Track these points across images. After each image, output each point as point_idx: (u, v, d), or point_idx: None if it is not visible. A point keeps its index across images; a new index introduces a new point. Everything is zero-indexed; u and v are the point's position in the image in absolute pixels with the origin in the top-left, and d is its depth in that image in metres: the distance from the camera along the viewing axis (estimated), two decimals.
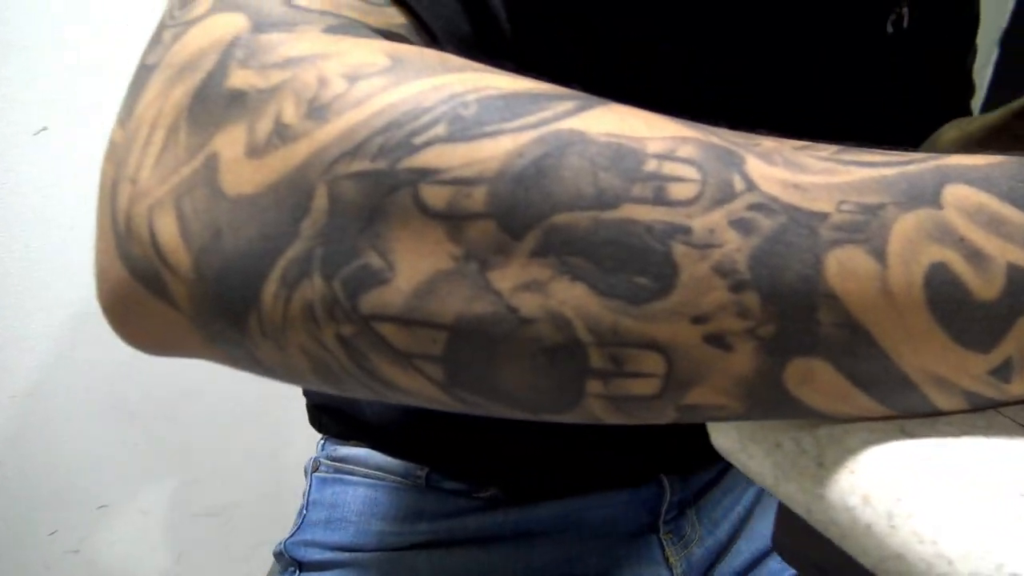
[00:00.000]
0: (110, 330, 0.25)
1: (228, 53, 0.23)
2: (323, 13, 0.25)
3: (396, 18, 0.27)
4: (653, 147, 0.22)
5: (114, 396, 0.93)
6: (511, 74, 0.23)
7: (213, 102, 0.23)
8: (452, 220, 0.21)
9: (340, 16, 0.25)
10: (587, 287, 0.21)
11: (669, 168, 0.21)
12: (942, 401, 0.23)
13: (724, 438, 0.26)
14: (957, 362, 0.22)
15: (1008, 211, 0.22)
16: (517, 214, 0.21)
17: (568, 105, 0.22)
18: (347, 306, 0.21)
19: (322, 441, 0.62)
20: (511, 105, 0.22)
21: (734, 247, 0.21)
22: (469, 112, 0.21)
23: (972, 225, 0.22)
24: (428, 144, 0.21)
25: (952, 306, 0.21)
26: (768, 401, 0.22)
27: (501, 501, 0.56)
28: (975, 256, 0.21)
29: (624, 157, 0.21)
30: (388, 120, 0.21)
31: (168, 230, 0.22)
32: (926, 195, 0.22)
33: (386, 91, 0.22)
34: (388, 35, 0.26)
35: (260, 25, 0.24)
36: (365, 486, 0.57)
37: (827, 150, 0.23)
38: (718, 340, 0.21)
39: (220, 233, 0.22)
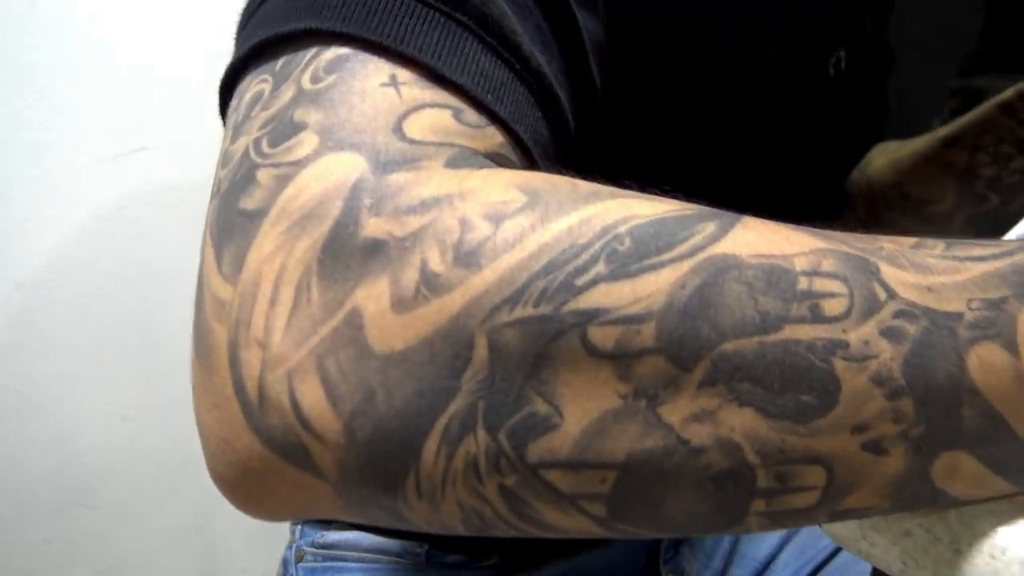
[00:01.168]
0: None
1: (354, 199, 0.22)
2: (440, 145, 0.24)
3: (496, 138, 0.26)
4: (800, 264, 0.22)
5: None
6: (642, 195, 0.23)
7: (348, 254, 0.22)
8: (622, 359, 0.21)
9: (454, 145, 0.24)
10: (755, 411, 0.21)
11: (819, 284, 0.22)
12: None
13: (841, 527, 0.27)
14: None
15: None
16: (686, 346, 0.21)
17: (711, 227, 0.23)
18: (514, 456, 0.21)
19: (298, 528, 0.59)
20: (660, 233, 0.22)
21: (888, 356, 0.22)
22: (625, 246, 0.21)
23: None
24: (592, 284, 0.21)
25: None
26: (915, 496, 0.23)
27: (503, 568, 0.55)
28: None
29: (778, 278, 0.22)
30: (547, 262, 0.21)
31: (312, 396, 0.21)
32: None
33: (535, 231, 0.21)
34: (494, 157, 0.26)
35: (382, 165, 0.23)
36: (361, 571, 0.55)
37: (938, 247, 0.24)
38: (875, 446, 0.22)
39: (373, 394, 0.21)
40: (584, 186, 0.23)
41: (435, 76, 0.25)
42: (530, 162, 0.28)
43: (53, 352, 0.84)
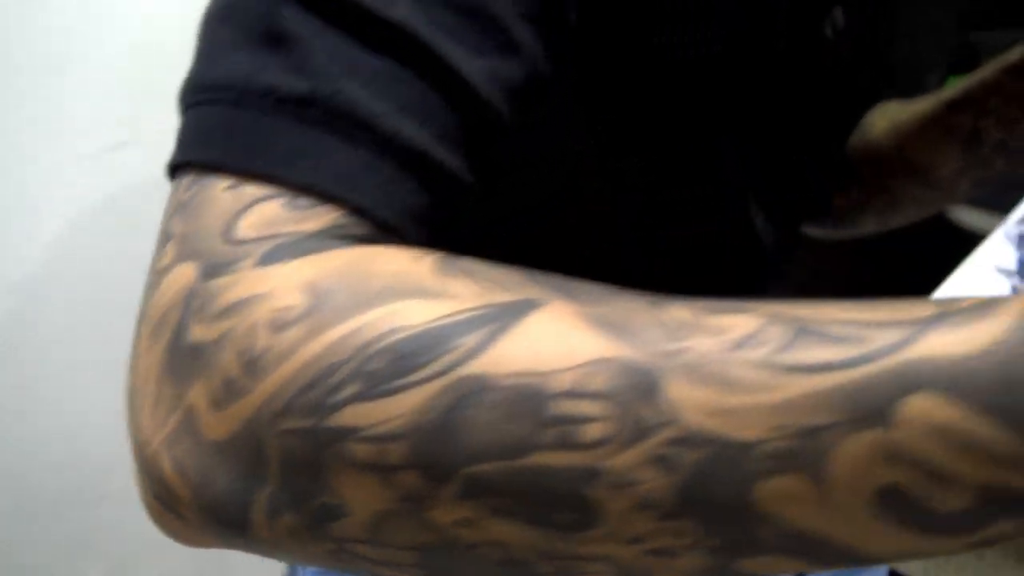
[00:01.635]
0: None
1: (187, 306, 0.25)
2: (259, 240, 0.26)
3: (330, 215, 0.27)
4: (560, 383, 0.21)
5: None
6: (430, 292, 0.24)
7: (183, 357, 0.25)
8: (382, 471, 0.22)
9: (277, 236, 0.26)
10: (518, 522, 0.22)
11: (577, 408, 0.21)
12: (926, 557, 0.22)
13: None
14: (923, 548, 0.20)
15: (984, 427, 0.19)
16: (437, 465, 0.22)
17: (473, 340, 0.22)
18: (322, 534, 0.24)
19: None
20: (417, 350, 0.22)
21: (655, 484, 0.20)
22: (380, 366, 0.22)
23: (935, 448, 0.19)
24: (346, 403, 0.22)
25: (911, 519, 0.20)
26: None
27: None
28: (937, 479, 0.19)
29: (528, 401, 0.21)
30: (309, 379, 0.23)
31: (169, 472, 0.25)
32: (877, 414, 0.19)
33: (306, 343, 0.23)
34: (335, 231, 0.27)
35: (207, 271, 0.26)
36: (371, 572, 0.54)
37: (771, 342, 0.21)
38: (662, 552, 0.21)
39: (207, 474, 0.25)
40: (377, 282, 0.24)
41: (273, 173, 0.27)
42: (394, 229, 0.28)
43: (53, 348, 0.83)
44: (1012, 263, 0.41)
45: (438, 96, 0.29)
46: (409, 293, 0.24)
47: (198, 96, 0.29)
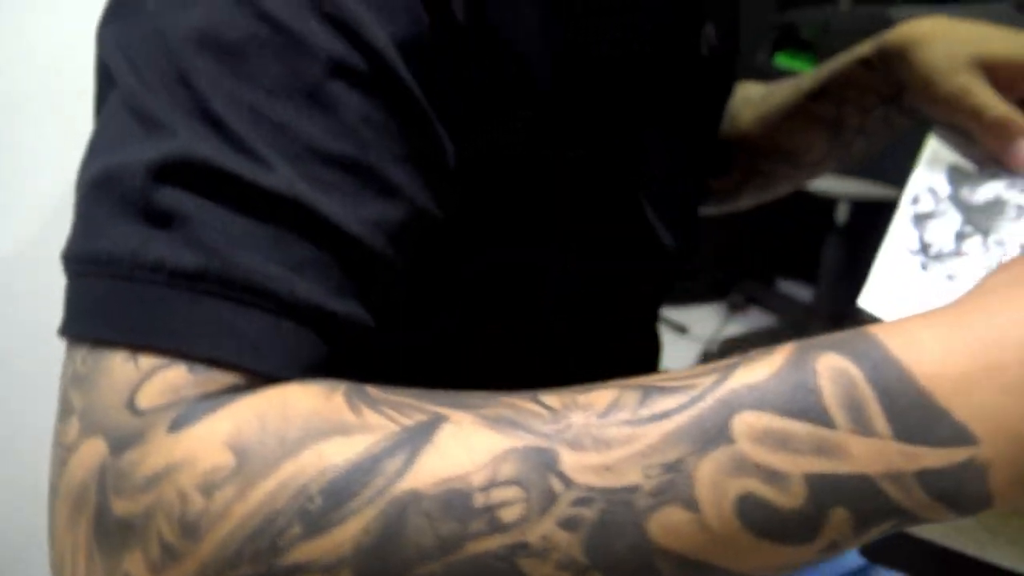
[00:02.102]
0: None
1: (102, 484, 0.26)
2: (167, 408, 0.26)
3: (227, 378, 0.28)
4: (478, 479, 0.25)
5: None
6: (348, 428, 0.26)
7: (111, 532, 0.26)
8: None
9: (179, 403, 0.27)
10: None
11: (496, 495, 0.25)
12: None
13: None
14: (789, 558, 0.26)
15: (790, 425, 0.25)
16: None
17: (399, 461, 0.25)
18: None
19: None
20: (349, 483, 0.25)
21: (568, 543, 0.25)
22: (316, 506, 0.25)
23: (763, 449, 0.25)
24: (291, 544, 0.25)
25: (768, 524, 0.25)
26: None
27: None
28: (773, 477, 0.25)
29: (455, 501, 0.25)
30: (252, 530, 0.25)
31: None
32: (717, 434, 0.25)
33: (241, 499, 0.25)
34: (235, 390, 0.28)
35: (116, 446, 0.26)
36: None
37: (628, 405, 0.26)
38: None
39: None
40: (295, 426, 0.26)
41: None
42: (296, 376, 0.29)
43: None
44: (916, 243, 0.46)
45: (326, 253, 0.30)
46: (329, 432, 0.26)
47: (85, 267, 0.29)
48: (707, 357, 1.86)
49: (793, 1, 1.76)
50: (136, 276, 0.28)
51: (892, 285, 0.42)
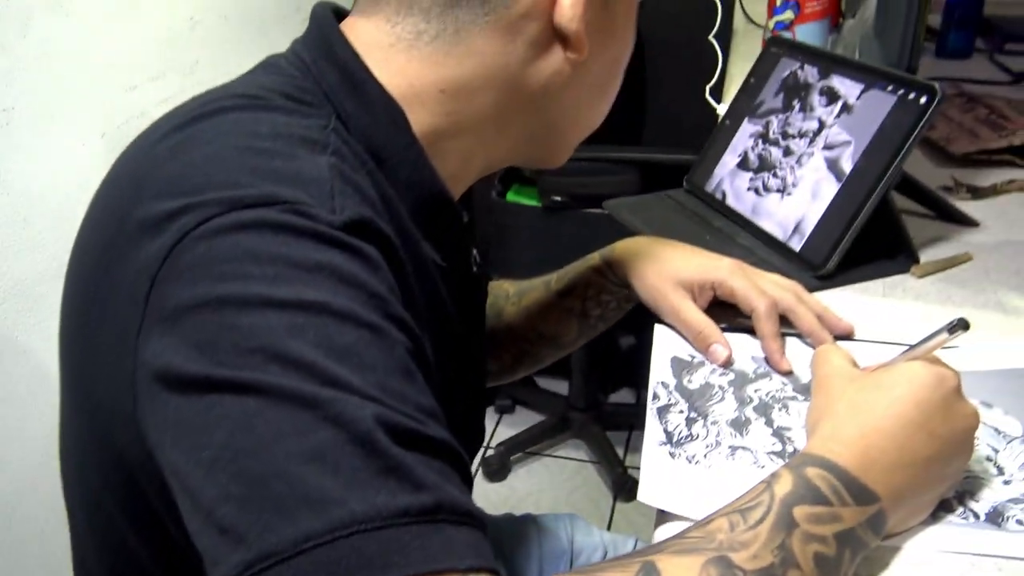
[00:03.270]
0: None
1: None
2: None
3: None
4: None
5: None
6: None
7: None
8: None
9: None
10: None
11: None
12: None
13: None
14: None
15: (816, 509, 0.47)
16: None
17: None
18: None
19: None
20: None
21: None
22: None
23: (811, 525, 0.46)
24: None
25: (826, 566, 0.46)
26: None
27: None
28: (821, 539, 0.46)
29: None
30: None
31: None
32: (790, 522, 0.46)
33: None
34: None
35: None
36: None
37: (741, 522, 0.46)
38: None
39: None
40: None
41: None
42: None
43: None
44: (662, 434, 0.64)
45: (462, 474, 0.43)
46: None
47: (346, 530, 0.35)
48: (488, 460, 2.03)
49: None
50: (391, 524, 0.36)
51: (654, 476, 0.59)
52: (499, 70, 0.54)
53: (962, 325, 0.52)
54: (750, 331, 0.72)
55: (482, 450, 2.06)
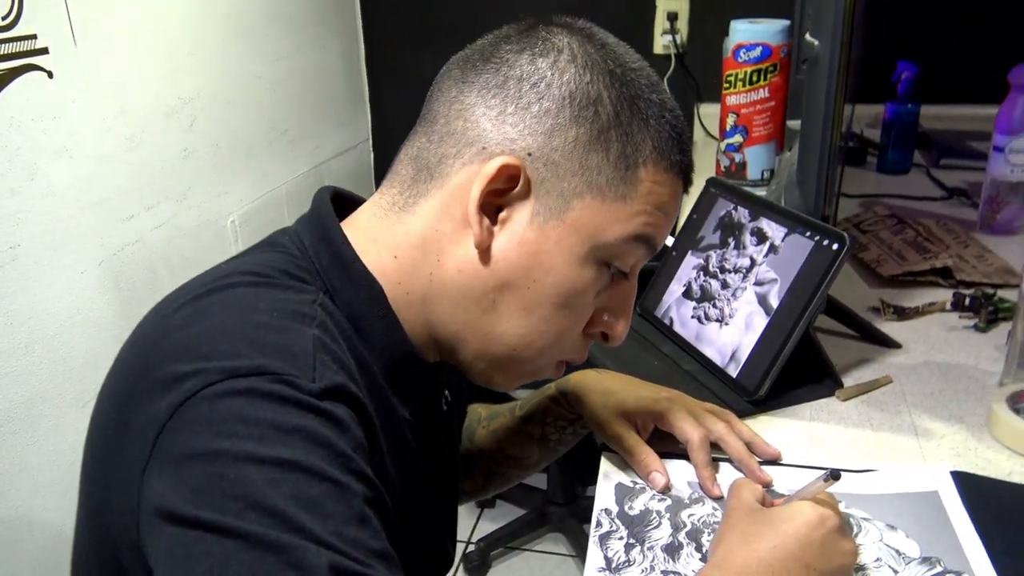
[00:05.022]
0: None
1: None
2: None
3: None
4: None
5: None
6: None
7: None
8: None
9: None
10: None
11: None
12: None
13: None
14: None
15: None
16: None
17: None
18: None
19: None
20: None
21: None
22: None
23: None
24: None
25: None
26: None
27: None
28: None
29: None
30: None
31: None
32: None
33: None
34: None
35: None
36: None
37: None
38: None
39: None
40: None
41: None
42: None
43: None
44: (602, 560, 0.72)
45: None
46: None
47: None
48: (469, 556, 2.08)
49: None
50: None
51: None
52: (433, 243, 0.62)
53: (834, 476, 0.61)
54: (688, 457, 0.80)
55: (463, 545, 2.11)
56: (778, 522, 0.60)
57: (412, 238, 0.63)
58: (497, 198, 0.60)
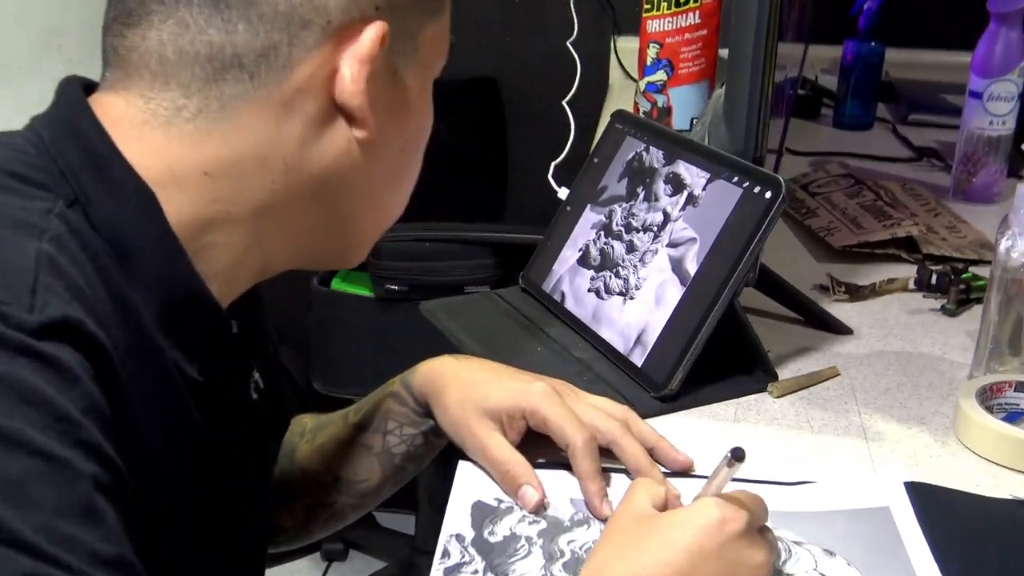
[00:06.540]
0: None
1: None
2: None
3: None
4: None
5: None
6: None
7: None
8: None
9: None
10: None
11: None
12: None
13: None
14: None
15: None
16: None
17: None
18: None
19: None
20: None
21: None
22: None
23: None
24: None
25: None
26: None
27: None
28: None
29: None
30: None
31: None
32: None
33: None
34: None
35: None
36: None
37: None
38: None
39: None
40: None
41: None
42: None
43: None
44: None
45: None
46: None
47: None
48: None
49: None
50: None
51: None
52: (274, 150, 0.59)
53: (736, 456, 0.58)
54: (570, 467, 0.76)
55: None
56: (665, 529, 0.59)
57: (234, 150, 0.59)
58: None
